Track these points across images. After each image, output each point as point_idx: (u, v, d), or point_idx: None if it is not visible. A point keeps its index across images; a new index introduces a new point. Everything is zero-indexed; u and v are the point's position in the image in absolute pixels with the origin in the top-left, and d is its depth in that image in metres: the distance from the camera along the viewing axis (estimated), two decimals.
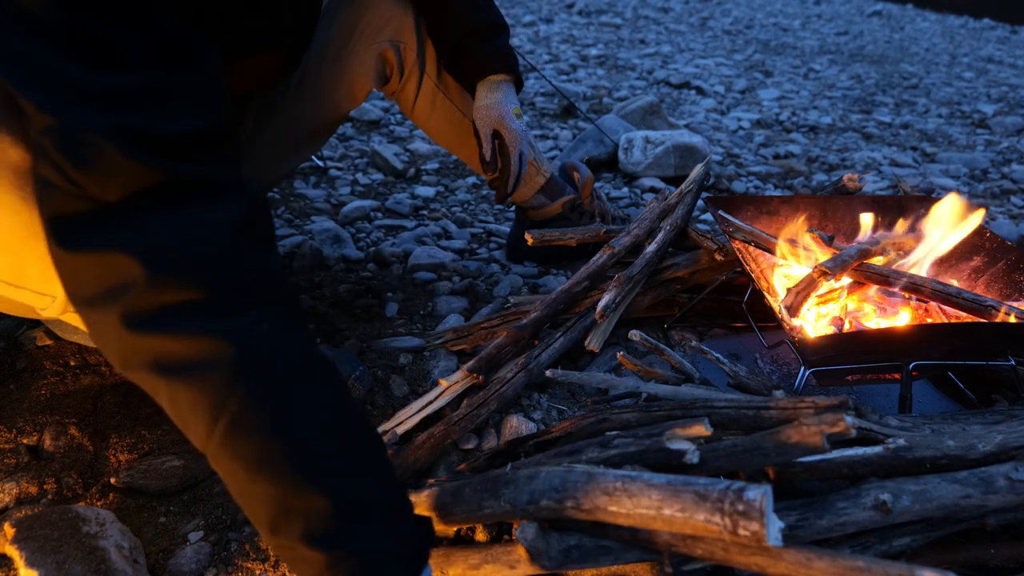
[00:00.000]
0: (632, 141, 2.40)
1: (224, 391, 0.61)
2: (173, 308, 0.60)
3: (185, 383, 0.61)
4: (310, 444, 0.63)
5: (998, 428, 0.85)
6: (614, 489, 0.68)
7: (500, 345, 1.17)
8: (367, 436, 0.69)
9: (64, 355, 1.17)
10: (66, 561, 0.78)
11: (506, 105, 1.37)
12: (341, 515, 0.62)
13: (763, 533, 0.59)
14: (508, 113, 1.37)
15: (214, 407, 0.61)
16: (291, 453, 0.62)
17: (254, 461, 0.61)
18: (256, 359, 0.63)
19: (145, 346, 0.61)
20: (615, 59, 4.61)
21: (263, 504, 0.62)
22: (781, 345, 1.29)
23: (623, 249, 1.34)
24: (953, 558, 0.82)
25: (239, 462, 0.62)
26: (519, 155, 1.41)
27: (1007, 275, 1.23)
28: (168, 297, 0.60)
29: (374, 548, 0.64)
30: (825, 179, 2.52)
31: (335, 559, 0.62)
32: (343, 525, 0.62)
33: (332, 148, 2.50)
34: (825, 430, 0.66)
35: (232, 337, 0.61)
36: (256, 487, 0.62)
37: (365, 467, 0.67)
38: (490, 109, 1.37)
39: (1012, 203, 2.37)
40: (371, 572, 0.63)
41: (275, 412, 0.62)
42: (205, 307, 0.61)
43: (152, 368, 0.61)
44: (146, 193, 0.61)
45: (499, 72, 1.36)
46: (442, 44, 1.38)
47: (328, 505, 0.62)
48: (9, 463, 0.98)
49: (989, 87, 4.68)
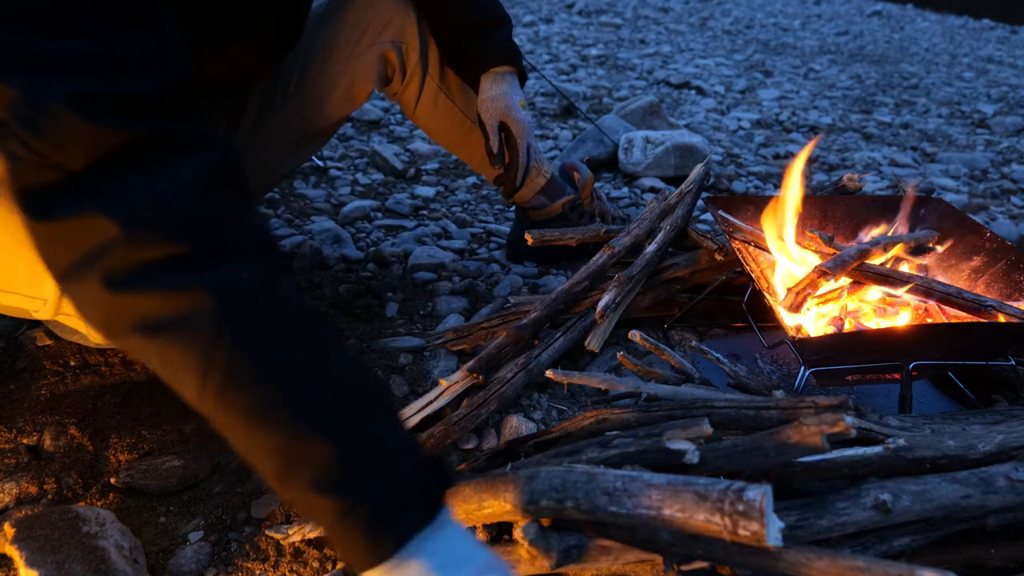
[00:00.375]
0: (632, 141, 2.40)
1: (211, 344, 0.60)
2: (152, 265, 0.60)
3: (172, 340, 0.60)
4: (306, 391, 0.62)
5: (998, 428, 0.85)
6: (614, 489, 0.68)
7: (500, 345, 1.17)
8: (365, 380, 0.67)
9: (64, 355, 1.17)
10: (66, 561, 0.78)
11: (512, 96, 1.35)
12: (347, 460, 0.61)
13: (763, 533, 0.59)
14: (514, 104, 1.35)
15: (203, 361, 0.60)
16: (287, 401, 0.61)
17: (250, 412, 0.60)
18: (239, 309, 0.61)
19: (128, 307, 0.60)
20: (615, 59, 4.61)
21: (267, 456, 0.61)
22: (781, 345, 1.29)
23: (623, 249, 1.34)
24: (953, 558, 0.82)
25: (235, 415, 0.60)
26: (527, 147, 1.38)
27: (1007, 275, 1.23)
28: (146, 254, 0.60)
29: (385, 491, 0.61)
30: (825, 179, 2.52)
31: (347, 506, 0.60)
32: (350, 470, 0.61)
33: (332, 148, 2.50)
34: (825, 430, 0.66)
35: (213, 288, 0.60)
36: (257, 439, 0.61)
37: (367, 410, 0.65)
38: (496, 100, 1.35)
39: (1012, 203, 2.37)
40: (385, 515, 0.61)
41: (265, 360, 0.61)
42: (184, 261, 0.61)
43: (138, 329, 0.60)
44: (112, 155, 0.60)
45: (502, 64, 1.35)
46: (444, 41, 1.37)
47: (332, 451, 0.60)
48: (9, 463, 0.98)
49: (989, 87, 4.68)
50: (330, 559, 0.87)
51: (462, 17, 1.32)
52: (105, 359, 1.17)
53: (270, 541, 0.89)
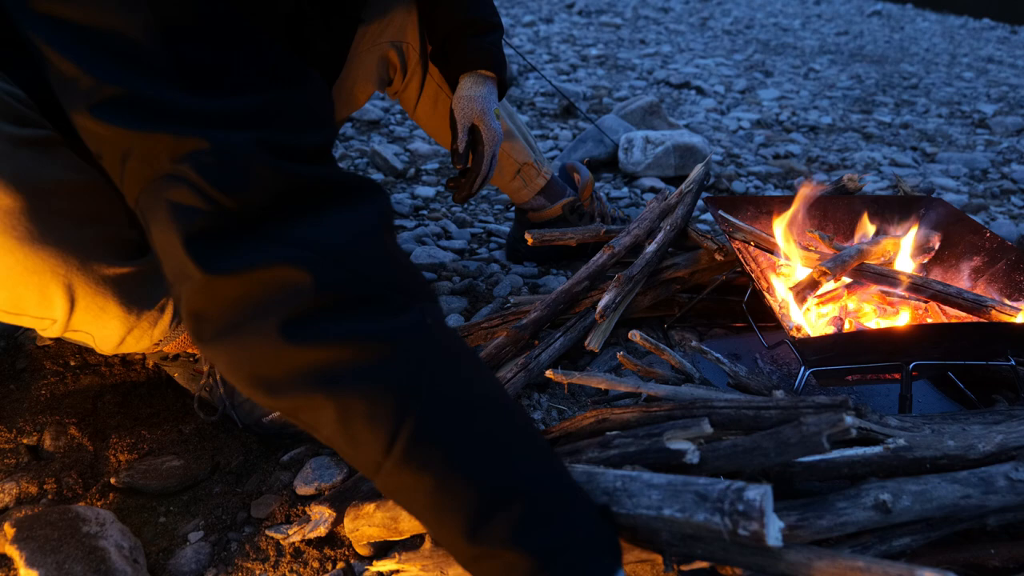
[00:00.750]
0: (632, 141, 2.40)
1: (404, 394, 0.57)
2: (335, 311, 0.57)
3: (358, 392, 0.57)
4: (498, 439, 0.59)
5: (998, 428, 0.85)
6: (614, 489, 0.68)
7: (500, 345, 1.17)
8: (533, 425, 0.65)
9: (64, 355, 1.17)
10: (66, 561, 0.78)
11: (489, 101, 1.33)
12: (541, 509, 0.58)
13: (763, 533, 0.59)
14: (490, 110, 1.33)
15: (395, 413, 0.56)
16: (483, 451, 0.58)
17: (446, 465, 0.57)
18: (430, 355, 0.59)
19: (309, 358, 0.57)
20: (615, 59, 4.61)
21: (458, 512, 0.57)
22: (781, 345, 1.29)
23: (623, 249, 1.34)
24: (953, 558, 0.82)
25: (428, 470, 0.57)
26: (491, 157, 1.35)
27: (1007, 275, 1.23)
28: (328, 300, 0.57)
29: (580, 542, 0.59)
30: (825, 179, 2.52)
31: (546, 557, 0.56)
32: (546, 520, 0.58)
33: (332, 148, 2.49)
34: (825, 430, 0.66)
35: (404, 335, 0.59)
36: (447, 495, 0.57)
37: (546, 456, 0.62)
38: (473, 101, 1.32)
39: (1012, 203, 2.37)
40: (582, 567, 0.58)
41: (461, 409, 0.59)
42: (370, 307, 0.59)
43: (318, 382, 0.57)
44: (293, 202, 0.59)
45: (486, 68, 1.32)
46: (433, 36, 1.35)
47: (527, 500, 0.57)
48: (9, 463, 0.98)
49: (989, 87, 4.68)
50: (330, 559, 0.87)
51: (455, 13, 1.31)
52: (105, 359, 1.18)
53: (270, 541, 0.89)
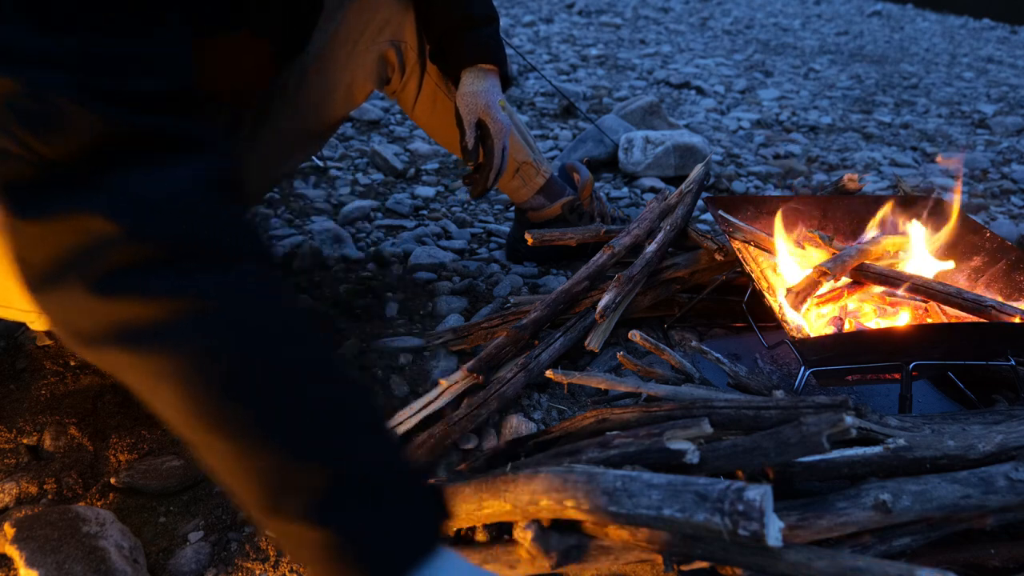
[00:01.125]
0: (632, 141, 2.40)
1: (211, 354, 0.55)
2: (147, 266, 0.56)
3: (163, 349, 0.55)
4: (310, 409, 0.58)
5: (998, 428, 0.85)
6: (614, 489, 0.68)
7: (500, 345, 1.17)
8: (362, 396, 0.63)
9: (64, 355, 1.17)
10: (66, 561, 0.78)
11: (493, 95, 1.32)
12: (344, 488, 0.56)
13: (763, 533, 0.59)
14: (494, 103, 1.33)
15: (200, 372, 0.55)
16: (290, 419, 0.57)
17: (245, 430, 0.56)
18: (243, 317, 0.58)
19: (117, 312, 0.55)
20: (615, 59, 4.61)
21: (256, 479, 0.56)
22: (781, 345, 1.29)
23: (623, 249, 1.34)
24: (953, 558, 0.82)
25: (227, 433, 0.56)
26: (502, 149, 1.36)
27: (1007, 275, 1.23)
28: (144, 255, 0.56)
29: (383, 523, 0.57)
30: (825, 179, 2.52)
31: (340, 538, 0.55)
32: (347, 499, 0.56)
33: (332, 148, 2.50)
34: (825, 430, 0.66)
35: (216, 294, 0.57)
36: (248, 460, 0.56)
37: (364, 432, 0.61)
38: (476, 96, 1.32)
39: (1012, 203, 2.37)
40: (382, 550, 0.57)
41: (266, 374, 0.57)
42: (182, 263, 0.57)
43: (126, 338, 0.55)
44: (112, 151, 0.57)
45: (486, 62, 1.32)
46: (430, 34, 1.35)
47: (328, 477, 0.56)
48: (9, 463, 0.98)
49: (989, 87, 4.68)
50: None
51: (450, 10, 1.31)
52: None
53: (270, 541, 0.89)
